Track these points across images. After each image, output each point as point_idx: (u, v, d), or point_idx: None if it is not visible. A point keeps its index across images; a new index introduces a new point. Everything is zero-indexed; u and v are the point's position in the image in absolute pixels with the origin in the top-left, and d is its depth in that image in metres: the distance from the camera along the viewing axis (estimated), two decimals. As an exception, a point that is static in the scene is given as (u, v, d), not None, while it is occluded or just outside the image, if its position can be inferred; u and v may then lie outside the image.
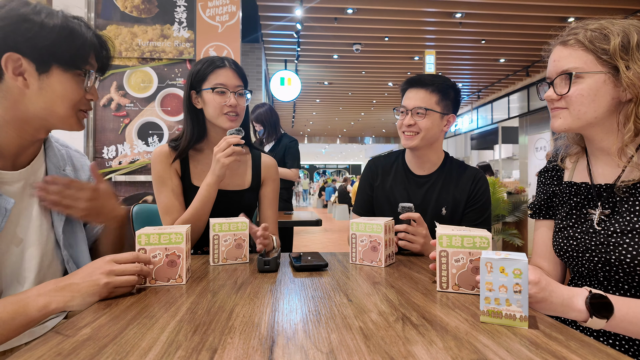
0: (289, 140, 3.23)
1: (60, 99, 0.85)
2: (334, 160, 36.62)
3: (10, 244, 0.87)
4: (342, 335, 0.59)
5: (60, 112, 0.86)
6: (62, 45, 0.83)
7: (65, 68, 0.84)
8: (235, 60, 1.36)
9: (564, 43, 0.89)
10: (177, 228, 0.91)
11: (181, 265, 0.89)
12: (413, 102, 1.37)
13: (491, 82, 10.67)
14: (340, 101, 13.53)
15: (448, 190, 1.40)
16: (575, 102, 0.86)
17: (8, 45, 0.79)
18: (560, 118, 0.89)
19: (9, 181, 0.86)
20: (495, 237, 4.69)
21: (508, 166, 12.25)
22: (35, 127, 0.87)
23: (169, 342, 0.56)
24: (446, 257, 0.83)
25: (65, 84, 0.85)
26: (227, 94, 1.30)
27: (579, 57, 0.85)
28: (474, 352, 0.54)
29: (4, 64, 0.79)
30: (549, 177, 1.07)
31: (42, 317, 0.73)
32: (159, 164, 1.32)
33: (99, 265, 0.78)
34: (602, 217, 0.88)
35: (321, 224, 2.55)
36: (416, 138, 1.36)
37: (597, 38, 0.84)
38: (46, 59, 0.82)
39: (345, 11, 6.24)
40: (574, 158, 1.02)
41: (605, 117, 0.86)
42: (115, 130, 2.87)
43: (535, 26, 6.79)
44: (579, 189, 0.95)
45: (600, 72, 0.83)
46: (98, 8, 2.86)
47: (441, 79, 1.40)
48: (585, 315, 0.72)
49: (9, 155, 0.87)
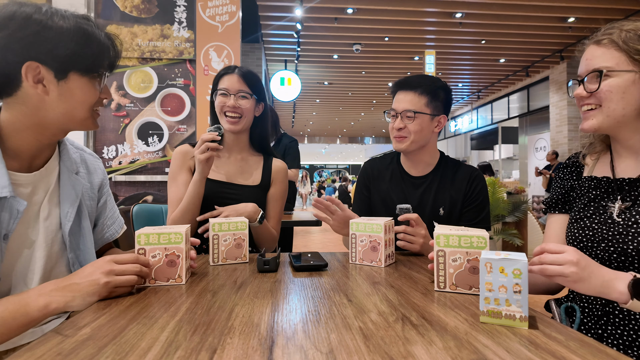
0: (289, 140, 3.23)
1: (80, 103, 0.86)
2: (334, 160, 36.63)
3: (21, 246, 0.87)
4: (341, 336, 0.59)
5: (80, 116, 0.87)
6: (79, 52, 0.83)
7: (83, 73, 0.85)
8: (251, 71, 1.46)
9: (598, 42, 0.90)
10: (176, 228, 0.91)
11: (181, 265, 0.89)
12: (402, 105, 1.37)
13: (491, 82, 10.67)
14: (340, 101, 13.53)
15: (445, 190, 1.40)
16: (605, 98, 0.87)
17: (29, 54, 0.79)
18: (592, 119, 0.91)
19: (23, 183, 0.87)
20: (495, 237, 4.69)
21: (508, 166, 12.26)
22: (53, 131, 0.88)
23: (169, 342, 0.57)
24: (443, 257, 0.84)
25: (84, 88, 0.86)
26: (228, 96, 1.40)
27: (612, 57, 0.87)
28: (473, 352, 0.54)
29: (24, 73, 0.79)
30: (567, 172, 1.08)
31: (43, 317, 0.73)
32: (175, 161, 1.44)
33: (99, 265, 0.78)
34: (622, 209, 0.89)
35: (321, 224, 2.55)
36: (406, 141, 1.37)
37: (632, 39, 0.85)
38: (65, 66, 0.82)
39: (345, 11, 6.24)
40: (595, 155, 1.03)
41: (634, 117, 0.88)
42: (115, 130, 2.88)
43: (535, 26, 6.79)
44: (600, 182, 0.96)
45: (631, 71, 0.85)
46: (98, 8, 2.86)
47: (430, 80, 1.40)
48: (627, 298, 0.73)
49: (26, 158, 0.88)
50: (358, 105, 14.18)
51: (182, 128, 2.93)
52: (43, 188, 0.92)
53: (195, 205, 1.32)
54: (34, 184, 0.90)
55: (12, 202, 0.82)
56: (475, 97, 12.29)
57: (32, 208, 0.89)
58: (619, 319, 0.85)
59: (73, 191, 0.96)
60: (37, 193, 0.90)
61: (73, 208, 0.95)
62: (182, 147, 1.46)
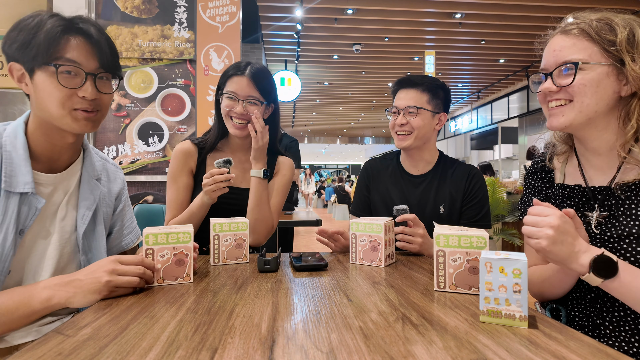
0: (289, 140, 3.23)
1: (47, 99, 0.86)
2: (334, 160, 36.61)
3: (35, 243, 0.90)
4: (342, 335, 0.59)
5: (54, 113, 0.87)
6: (30, 43, 0.83)
7: (39, 66, 0.85)
8: (263, 70, 1.35)
9: (566, 32, 0.85)
10: (184, 227, 0.92)
11: (189, 264, 0.90)
12: (405, 102, 1.39)
13: (491, 83, 10.67)
14: (340, 101, 13.53)
15: (444, 188, 1.41)
16: (578, 92, 0.82)
17: (9, 55, 0.86)
18: (563, 116, 0.85)
19: (43, 183, 0.91)
20: (495, 237, 4.69)
21: (508, 166, 12.25)
22: (54, 131, 0.90)
23: (170, 342, 0.57)
24: (443, 257, 0.84)
25: (45, 83, 0.85)
26: (236, 101, 1.31)
27: (584, 48, 0.82)
28: (473, 351, 0.54)
29: (9, 73, 0.87)
30: (538, 179, 1.04)
31: (44, 310, 0.74)
32: (175, 161, 1.37)
33: (103, 263, 0.80)
34: (599, 220, 0.87)
35: (321, 224, 2.55)
36: (409, 138, 1.39)
37: (603, 29, 0.81)
38: (28, 61, 0.85)
39: (345, 11, 6.24)
40: (562, 157, 0.99)
41: (604, 113, 0.83)
42: (115, 131, 2.88)
43: (535, 26, 6.79)
44: (572, 191, 0.93)
45: (605, 64, 0.81)
46: (98, 8, 2.86)
47: (430, 79, 1.42)
48: (585, 270, 0.74)
49: (45, 160, 0.92)
50: (358, 106, 14.18)
51: (182, 128, 2.93)
52: (63, 190, 0.95)
53: (195, 222, 1.27)
54: (54, 184, 0.93)
55: (32, 199, 0.86)
56: (475, 97, 12.28)
57: (50, 207, 0.92)
58: (609, 330, 0.84)
59: (91, 195, 0.99)
60: (56, 194, 0.94)
61: (89, 211, 0.98)
62: (182, 144, 1.38)
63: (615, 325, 0.83)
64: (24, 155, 0.87)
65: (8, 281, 0.85)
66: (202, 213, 1.28)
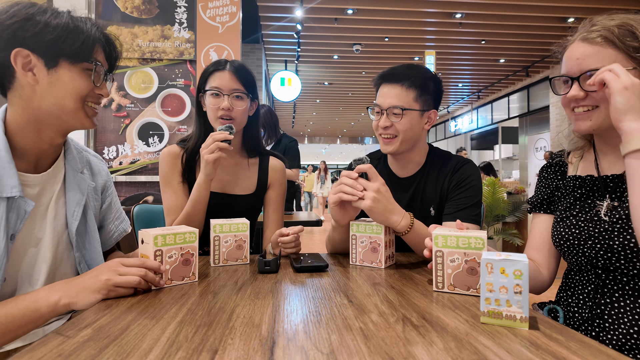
0: (289, 140, 3.23)
1: (69, 92, 0.86)
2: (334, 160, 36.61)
3: (27, 246, 0.89)
4: (342, 336, 0.59)
5: (69, 106, 0.87)
6: (67, 40, 0.84)
7: (72, 61, 0.86)
8: (243, 65, 1.32)
9: (588, 40, 0.85)
10: (189, 227, 0.93)
11: (195, 263, 0.91)
12: (388, 101, 1.20)
13: (491, 82, 10.67)
14: (340, 101, 13.53)
15: (434, 188, 1.28)
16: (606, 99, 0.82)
17: (16, 41, 0.81)
18: (590, 120, 0.86)
19: (31, 184, 0.89)
20: (495, 237, 4.69)
21: (508, 166, 12.25)
22: (50, 128, 0.89)
23: (170, 343, 0.57)
24: (442, 258, 0.84)
25: (74, 77, 0.86)
26: (222, 97, 1.27)
27: (609, 56, 0.82)
28: (474, 352, 0.54)
29: (13, 60, 0.81)
30: (552, 172, 1.07)
31: (51, 313, 0.74)
32: (165, 164, 1.33)
33: (106, 264, 0.81)
34: (609, 208, 0.88)
35: (321, 224, 2.55)
36: (394, 142, 1.22)
37: (626, 35, 0.82)
38: (54, 54, 0.84)
39: (345, 11, 6.24)
40: (579, 153, 1.02)
41: None
42: (115, 131, 2.88)
43: (535, 26, 6.79)
44: (584, 181, 0.95)
45: (630, 68, 0.81)
46: (98, 9, 2.86)
47: (418, 70, 1.22)
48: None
49: (32, 159, 0.90)
50: (358, 106, 14.17)
51: (182, 128, 2.93)
52: (50, 189, 0.94)
53: (200, 211, 1.23)
54: (41, 184, 0.91)
55: (20, 202, 0.84)
56: (475, 97, 12.28)
57: (39, 209, 0.91)
58: (608, 323, 0.84)
59: (79, 190, 0.98)
60: (44, 194, 0.92)
61: (79, 207, 0.97)
62: (169, 148, 1.34)
63: (614, 318, 0.84)
64: (7, 157, 0.82)
65: (4, 288, 0.83)
66: (204, 196, 1.22)
